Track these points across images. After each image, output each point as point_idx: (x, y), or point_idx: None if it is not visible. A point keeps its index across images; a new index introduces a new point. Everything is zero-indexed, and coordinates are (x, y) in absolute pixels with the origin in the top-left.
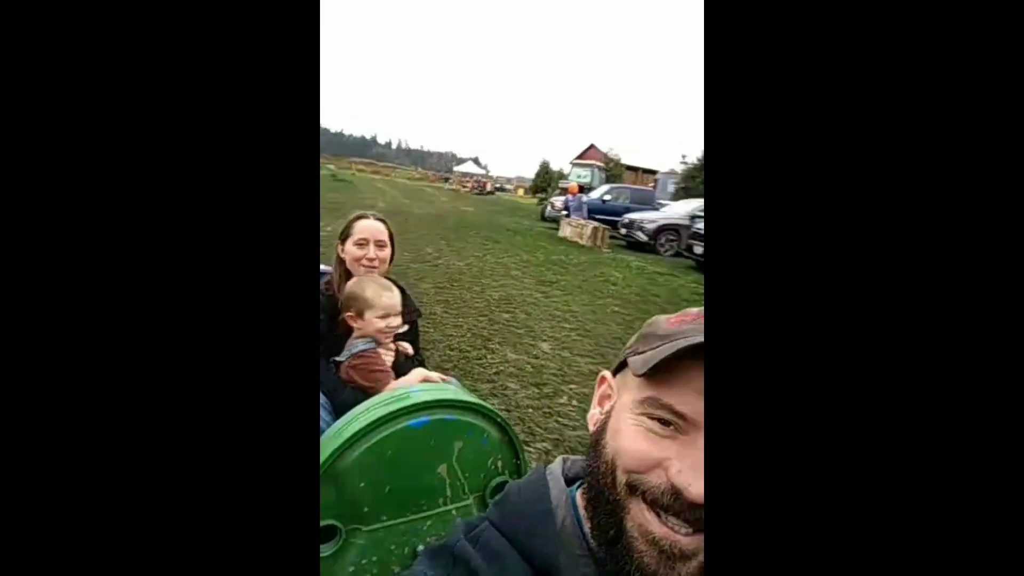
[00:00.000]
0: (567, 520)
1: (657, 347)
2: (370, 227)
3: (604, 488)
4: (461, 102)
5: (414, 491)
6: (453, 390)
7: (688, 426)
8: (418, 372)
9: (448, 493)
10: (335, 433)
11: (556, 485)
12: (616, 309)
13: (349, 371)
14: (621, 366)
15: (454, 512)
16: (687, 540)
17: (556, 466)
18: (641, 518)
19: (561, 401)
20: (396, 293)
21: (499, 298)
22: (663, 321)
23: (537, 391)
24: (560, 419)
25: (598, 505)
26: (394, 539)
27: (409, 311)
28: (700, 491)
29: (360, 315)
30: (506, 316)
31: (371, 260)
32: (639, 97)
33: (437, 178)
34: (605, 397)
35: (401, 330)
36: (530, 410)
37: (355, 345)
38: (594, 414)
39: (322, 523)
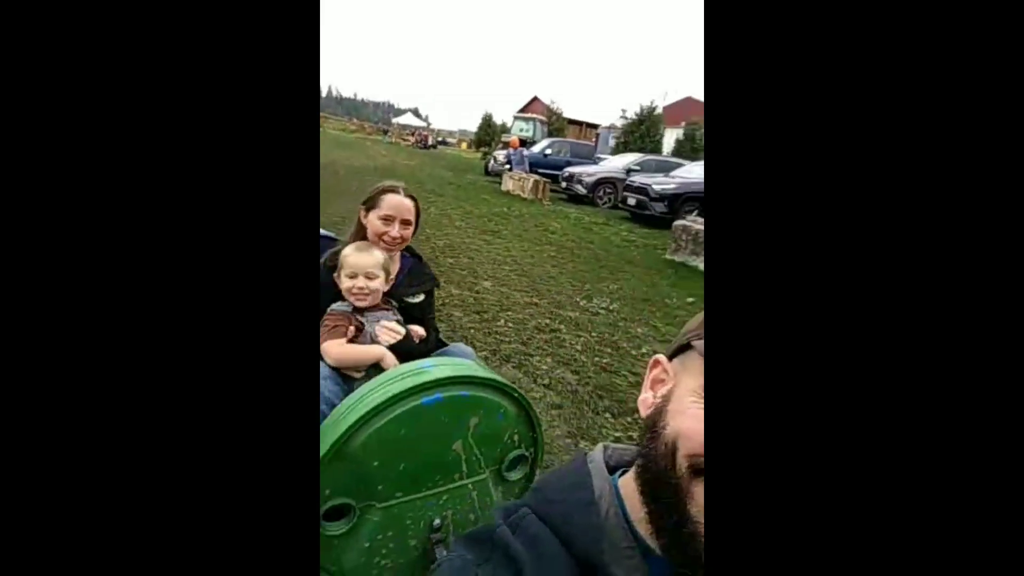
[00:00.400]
0: (611, 511)
1: None
2: (399, 203)
3: (663, 472)
4: (399, 48)
5: (429, 468)
6: (469, 365)
7: None
8: (376, 352)
9: (464, 468)
10: (346, 411)
11: (599, 474)
12: (552, 254)
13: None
14: (680, 349)
15: (470, 486)
16: None
17: (597, 454)
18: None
19: (499, 324)
20: (372, 254)
21: (444, 246)
22: None
23: (478, 317)
24: (497, 336)
25: (657, 490)
26: (410, 514)
27: (422, 280)
28: None
29: (339, 275)
30: (450, 261)
31: (394, 239)
32: (582, 50)
33: (375, 130)
34: (658, 382)
35: (415, 300)
36: (472, 330)
37: (333, 307)
38: (647, 398)
39: (336, 502)
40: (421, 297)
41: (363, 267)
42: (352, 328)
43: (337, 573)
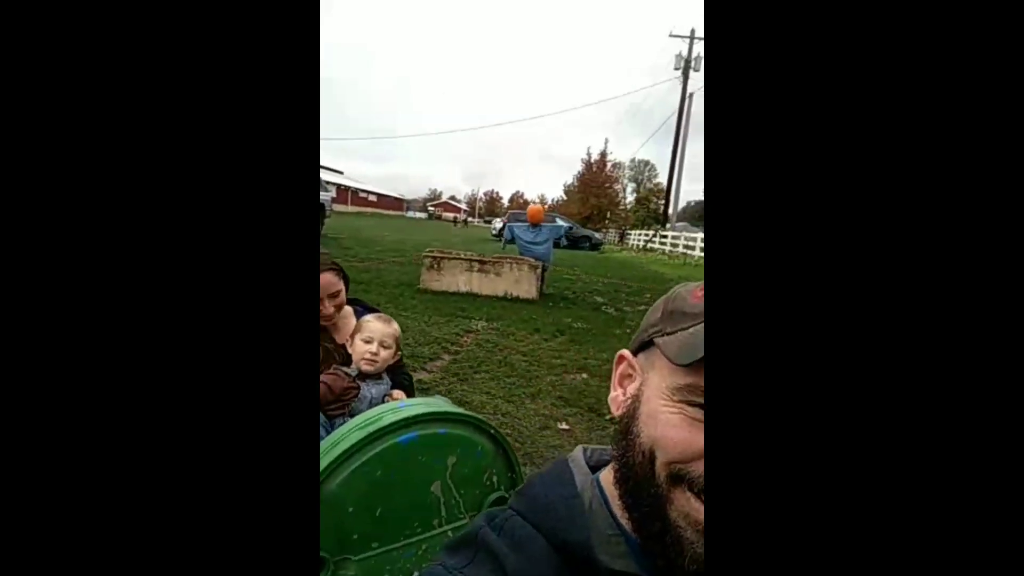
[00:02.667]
0: (594, 502)
1: (689, 328)
2: (321, 281)
3: (642, 480)
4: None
5: (407, 513)
6: (443, 402)
7: None
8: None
9: (443, 513)
10: (321, 454)
11: (580, 471)
12: None
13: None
14: (643, 345)
15: (450, 533)
16: None
17: (577, 454)
18: (688, 507)
19: None
20: (391, 326)
21: None
22: (688, 296)
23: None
24: None
25: (637, 497)
26: (387, 567)
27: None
28: None
29: (351, 338)
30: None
31: (329, 315)
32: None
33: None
34: (626, 377)
35: (395, 358)
36: None
37: (338, 367)
38: (616, 396)
39: None
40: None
41: (381, 335)
42: (345, 385)
43: None
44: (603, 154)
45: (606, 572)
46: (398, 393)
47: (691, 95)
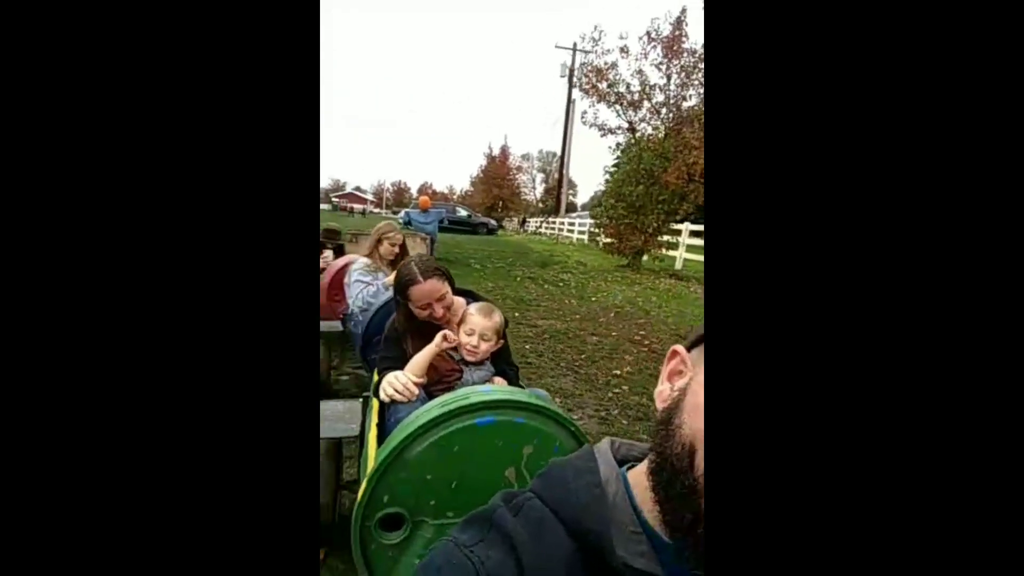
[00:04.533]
0: (618, 496)
1: None
2: (423, 291)
3: (678, 472)
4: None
5: (481, 490)
6: (526, 393)
7: None
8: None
9: None
10: (410, 422)
11: (605, 462)
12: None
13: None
14: (699, 340)
15: None
16: None
17: (604, 445)
18: None
19: None
20: (492, 319)
21: None
22: None
23: None
24: None
25: (670, 490)
26: None
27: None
28: None
29: (457, 327)
30: None
31: (438, 318)
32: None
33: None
34: (676, 373)
35: (497, 346)
36: None
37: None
38: (663, 391)
39: (391, 510)
40: (502, 341)
41: (482, 328)
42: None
43: None
44: (503, 148)
45: (623, 568)
46: (499, 380)
47: (573, 101)
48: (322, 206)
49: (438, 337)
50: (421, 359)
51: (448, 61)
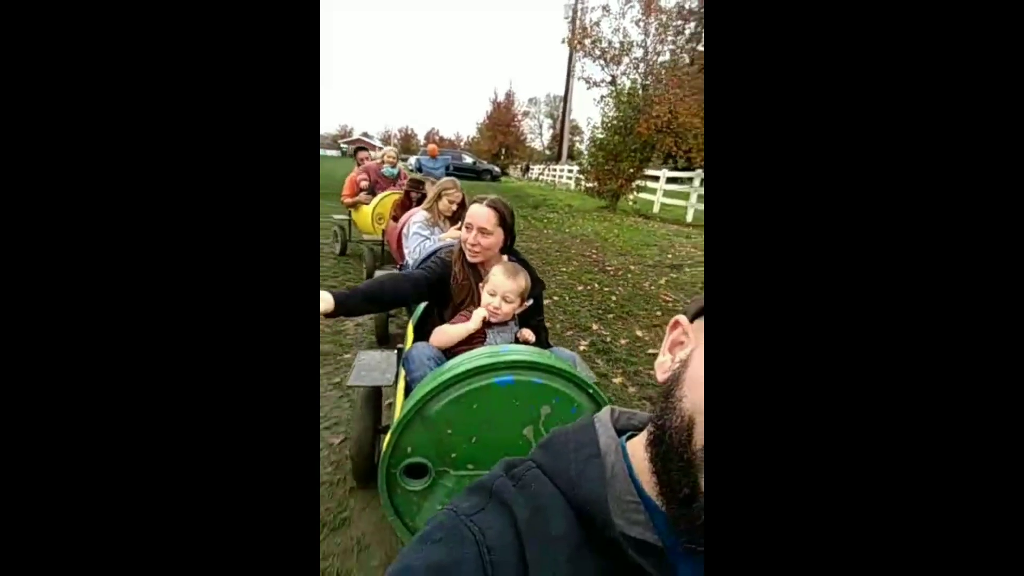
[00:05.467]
0: (617, 466)
1: None
2: (476, 212)
3: (677, 445)
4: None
5: (499, 446)
6: (548, 354)
7: None
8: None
9: None
10: (430, 379)
11: (605, 432)
12: None
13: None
14: (701, 312)
15: None
16: None
17: (604, 414)
18: None
19: None
20: (516, 280)
21: None
22: None
23: None
24: None
25: (668, 462)
26: None
27: (530, 284)
28: None
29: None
30: None
31: (472, 245)
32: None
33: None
34: (678, 344)
35: (520, 309)
36: None
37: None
38: (664, 362)
39: (415, 460)
40: (530, 302)
41: (504, 290)
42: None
43: (413, 528)
44: (508, 95)
45: (622, 537)
46: (527, 332)
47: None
48: (331, 152)
49: (477, 316)
50: (454, 333)
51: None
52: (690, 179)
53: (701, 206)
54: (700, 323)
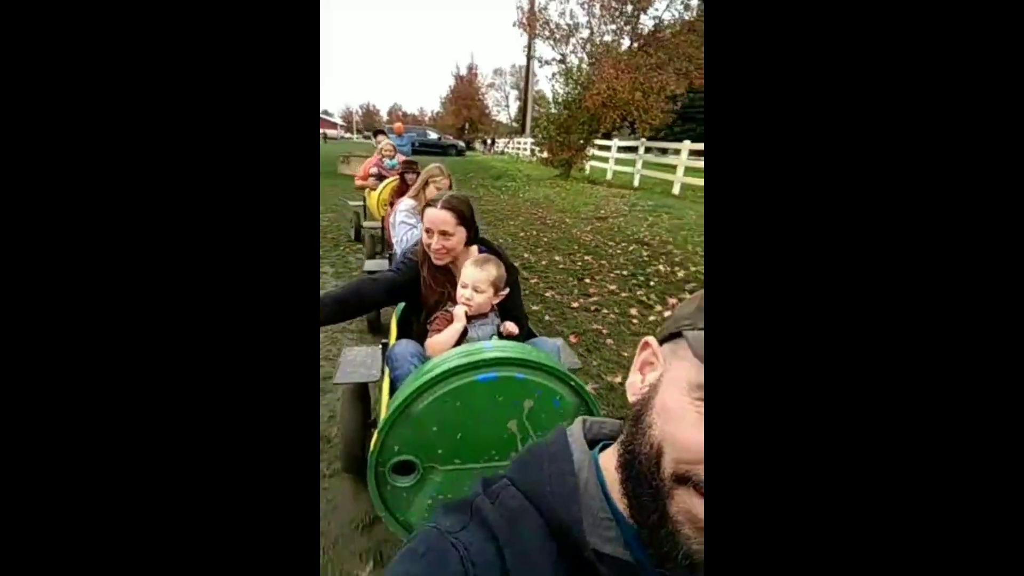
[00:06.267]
0: (589, 482)
1: None
2: (434, 216)
3: (646, 472)
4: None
5: (484, 442)
6: (527, 349)
7: None
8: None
9: (519, 447)
10: (413, 379)
11: (579, 447)
12: None
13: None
14: (672, 336)
15: None
16: None
17: (576, 427)
18: (688, 503)
19: None
20: (485, 270)
21: None
22: None
23: None
24: None
25: (638, 487)
26: (469, 480)
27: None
28: None
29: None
30: None
31: (435, 250)
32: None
33: None
34: (647, 364)
35: (497, 299)
36: None
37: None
38: (635, 382)
39: (403, 458)
40: (506, 291)
41: (473, 280)
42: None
43: (404, 523)
44: (470, 67)
45: (595, 554)
46: (510, 325)
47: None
48: None
49: (459, 313)
50: (444, 341)
51: None
52: (635, 148)
53: (645, 172)
54: (669, 346)
